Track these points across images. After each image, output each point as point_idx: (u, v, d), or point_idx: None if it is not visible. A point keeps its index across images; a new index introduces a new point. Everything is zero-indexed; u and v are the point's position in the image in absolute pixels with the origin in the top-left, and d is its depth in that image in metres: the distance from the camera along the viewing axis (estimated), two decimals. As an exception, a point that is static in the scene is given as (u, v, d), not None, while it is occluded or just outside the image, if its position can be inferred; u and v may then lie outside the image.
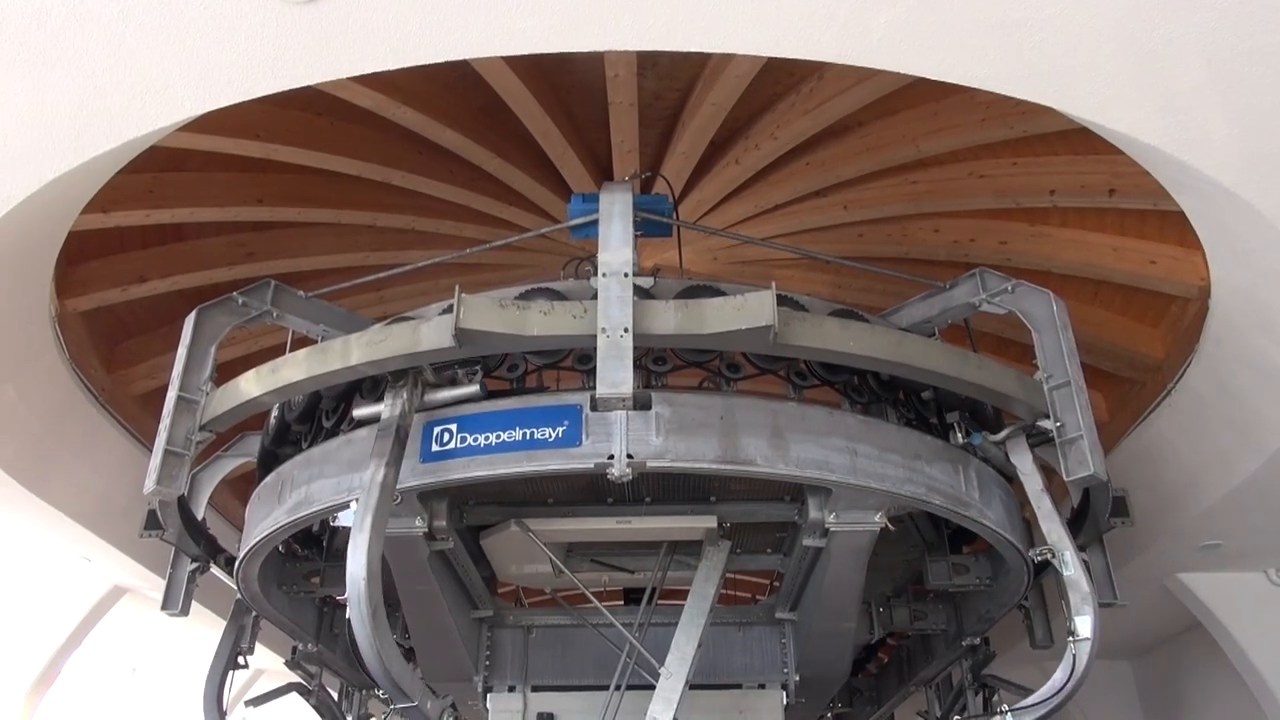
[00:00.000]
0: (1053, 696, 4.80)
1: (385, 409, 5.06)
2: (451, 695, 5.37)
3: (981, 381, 5.01)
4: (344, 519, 5.11)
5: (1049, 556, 5.07)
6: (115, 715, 12.91)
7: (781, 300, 4.63)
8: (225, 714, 6.29)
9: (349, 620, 7.03)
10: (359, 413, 5.28)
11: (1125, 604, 6.06)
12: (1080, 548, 5.93)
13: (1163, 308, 7.06)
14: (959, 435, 5.34)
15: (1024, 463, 5.25)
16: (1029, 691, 6.68)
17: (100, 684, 12.85)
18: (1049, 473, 7.97)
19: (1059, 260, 6.98)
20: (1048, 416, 4.95)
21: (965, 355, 5.15)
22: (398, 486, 4.89)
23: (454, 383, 5.20)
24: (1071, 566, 4.94)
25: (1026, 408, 5.09)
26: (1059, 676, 4.85)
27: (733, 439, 4.80)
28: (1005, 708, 4.83)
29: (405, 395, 5.07)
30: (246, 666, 6.74)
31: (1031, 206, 6.88)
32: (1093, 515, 5.75)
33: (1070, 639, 4.89)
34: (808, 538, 5.49)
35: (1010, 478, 5.55)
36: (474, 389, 5.13)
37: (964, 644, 6.86)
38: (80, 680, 12.21)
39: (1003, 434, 5.30)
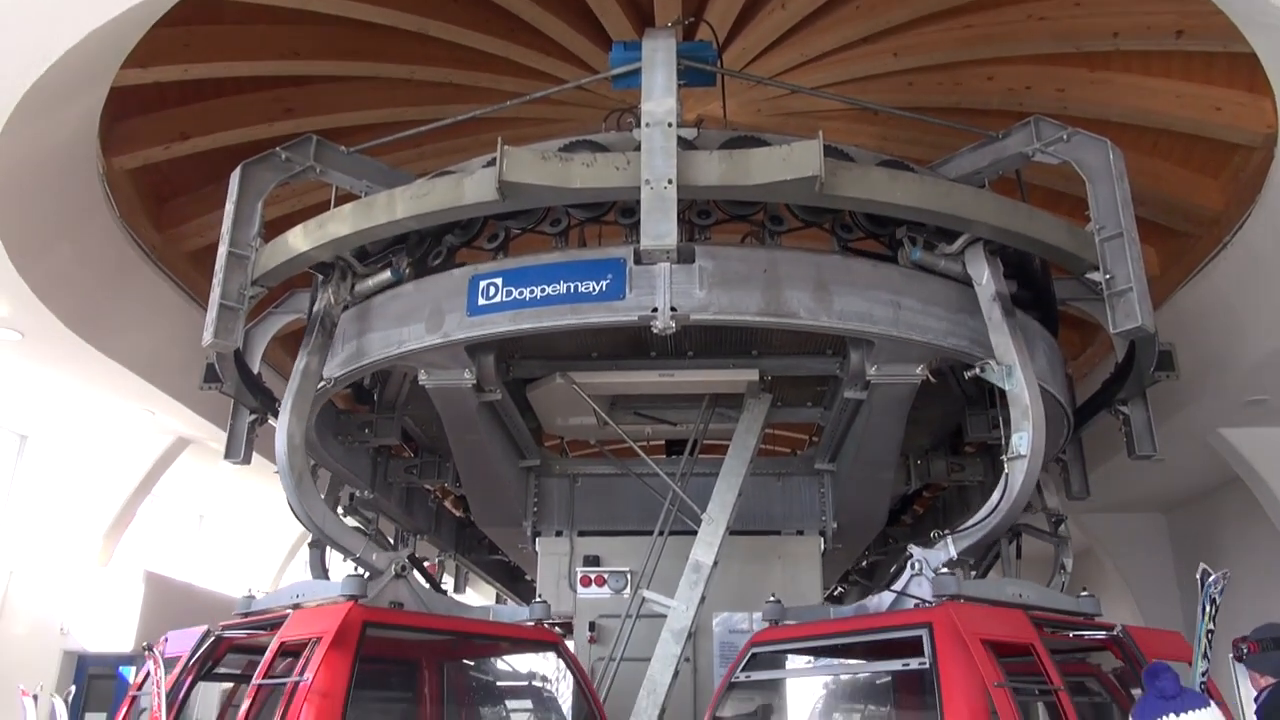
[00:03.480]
0: (988, 517, 4.69)
1: (318, 303, 5.40)
2: (410, 549, 5.73)
3: (1031, 233, 4.92)
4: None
5: (981, 371, 4.84)
6: (186, 558, 13.72)
7: (828, 151, 4.53)
8: (328, 570, 6.62)
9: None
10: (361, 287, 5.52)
11: (1163, 458, 6.11)
12: (1122, 401, 5.97)
13: (1225, 157, 6.79)
14: (909, 251, 5.12)
15: (979, 272, 5.00)
16: (1061, 541, 6.89)
17: (173, 530, 13.63)
18: (1094, 330, 7.95)
19: (1119, 107, 6.71)
20: (1097, 269, 4.86)
21: (1015, 206, 5.05)
22: (446, 339, 5.02)
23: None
24: (1016, 382, 4.70)
25: (1077, 260, 5.00)
26: (994, 497, 4.73)
27: (776, 292, 4.81)
28: (945, 531, 4.77)
29: (332, 289, 5.38)
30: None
31: (1092, 50, 6.56)
32: (1137, 369, 5.72)
33: (1005, 458, 4.74)
34: (849, 390, 5.56)
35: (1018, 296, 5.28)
36: (386, 275, 5.41)
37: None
38: (154, 526, 12.96)
39: (958, 244, 5.06)
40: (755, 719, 5.64)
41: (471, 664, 6.12)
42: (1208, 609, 3.66)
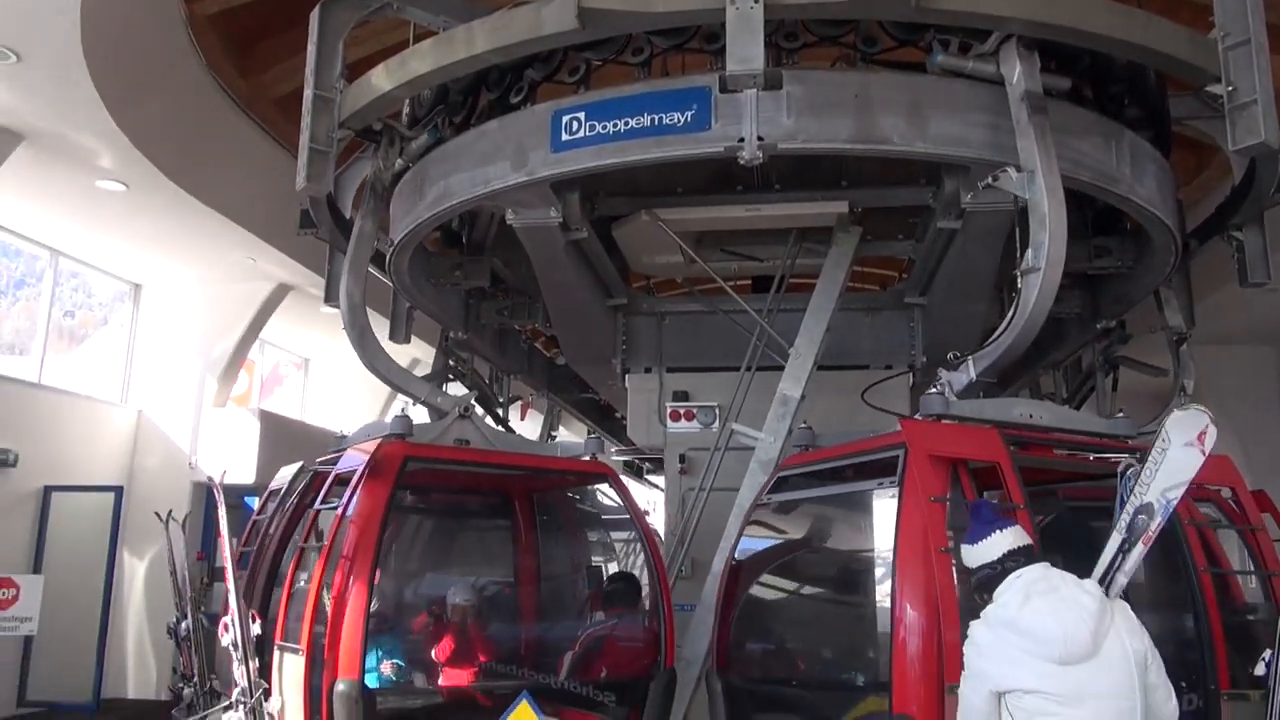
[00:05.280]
0: (1002, 335, 4.49)
1: (369, 169, 5.64)
2: (472, 394, 6.02)
3: (1147, 43, 4.56)
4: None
5: (994, 181, 4.50)
6: (293, 400, 14.50)
7: (926, -41, 4.23)
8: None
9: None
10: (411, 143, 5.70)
11: (1277, 287, 5.82)
12: (1236, 226, 5.66)
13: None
14: (933, 57, 4.73)
15: (1010, 70, 4.53)
16: (1162, 371, 6.71)
17: (280, 375, 14.37)
18: (1210, 153, 7.45)
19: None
20: (1218, 80, 4.50)
21: (1130, 13, 4.66)
22: (531, 177, 5.02)
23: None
24: (1037, 189, 4.34)
25: (1196, 71, 4.63)
26: (1010, 314, 4.50)
27: (868, 117, 4.62)
28: (961, 353, 4.58)
29: (381, 155, 5.60)
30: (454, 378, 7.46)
31: None
32: (1256, 190, 5.36)
33: (1018, 272, 4.49)
34: (942, 220, 5.39)
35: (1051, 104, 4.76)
36: (424, 137, 5.63)
37: (1098, 327, 6.80)
38: (265, 371, 13.68)
39: (990, 42, 4.62)
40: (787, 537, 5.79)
41: (539, 496, 6.49)
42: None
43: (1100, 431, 4.55)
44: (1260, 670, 3.64)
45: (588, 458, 5.65)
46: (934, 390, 4.41)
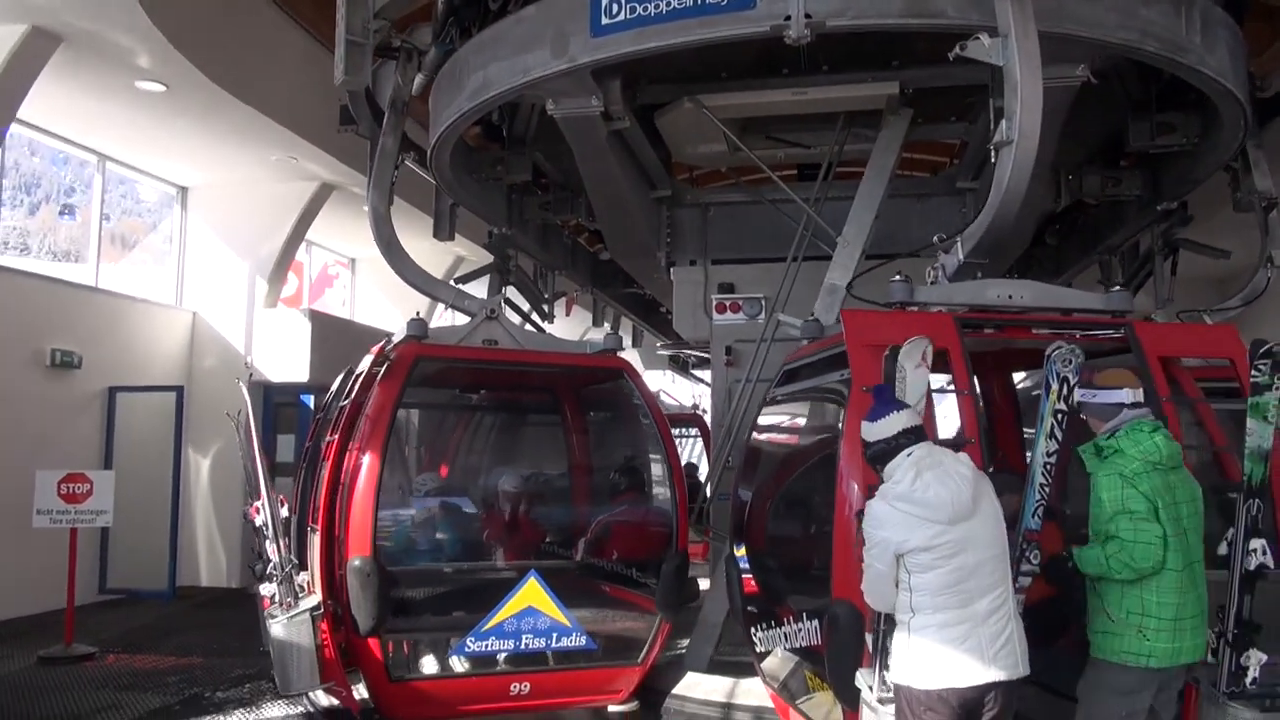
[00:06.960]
0: (982, 214, 4.39)
1: (390, 87, 5.77)
2: (500, 296, 6.38)
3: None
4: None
5: (963, 50, 4.24)
6: (345, 300, 14.67)
7: None
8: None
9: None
10: None
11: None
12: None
13: None
14: None
15: None
16: (1223, 254, 6.49)
17: (330, 275, 14.52)
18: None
19: None
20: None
21: None
22: (572, 63, 4.90)
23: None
24: (1010, 55, 4.07)
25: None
26: (990, 193, 4.35)
27: (921, -11, 4.41)
28: (944, 235, 4.52)
29: (400, 71, 5.71)
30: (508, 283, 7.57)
31: None
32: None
33: (991, 145, 4.31)
34: (999, 98, 5.17)
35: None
36: (434, 51, 5.70)
37: (1159, 209, 6.57)
38: (313, 272, 13.83)
39: None
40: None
41: (581, 391, 6.69)
42: (1055, 387, 3.47)
43: (1092, 308, 4.39)
44: (1222, 550, 3.56)
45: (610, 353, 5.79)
46: (898, 278, 4.32)
